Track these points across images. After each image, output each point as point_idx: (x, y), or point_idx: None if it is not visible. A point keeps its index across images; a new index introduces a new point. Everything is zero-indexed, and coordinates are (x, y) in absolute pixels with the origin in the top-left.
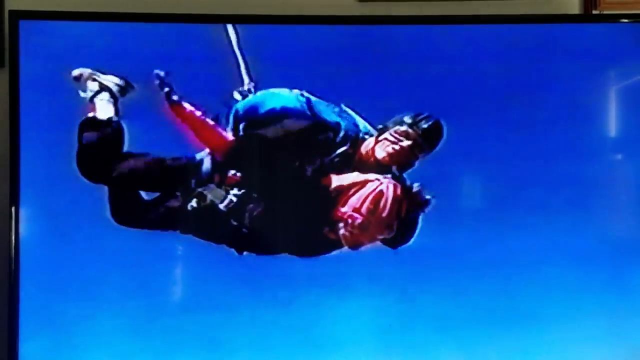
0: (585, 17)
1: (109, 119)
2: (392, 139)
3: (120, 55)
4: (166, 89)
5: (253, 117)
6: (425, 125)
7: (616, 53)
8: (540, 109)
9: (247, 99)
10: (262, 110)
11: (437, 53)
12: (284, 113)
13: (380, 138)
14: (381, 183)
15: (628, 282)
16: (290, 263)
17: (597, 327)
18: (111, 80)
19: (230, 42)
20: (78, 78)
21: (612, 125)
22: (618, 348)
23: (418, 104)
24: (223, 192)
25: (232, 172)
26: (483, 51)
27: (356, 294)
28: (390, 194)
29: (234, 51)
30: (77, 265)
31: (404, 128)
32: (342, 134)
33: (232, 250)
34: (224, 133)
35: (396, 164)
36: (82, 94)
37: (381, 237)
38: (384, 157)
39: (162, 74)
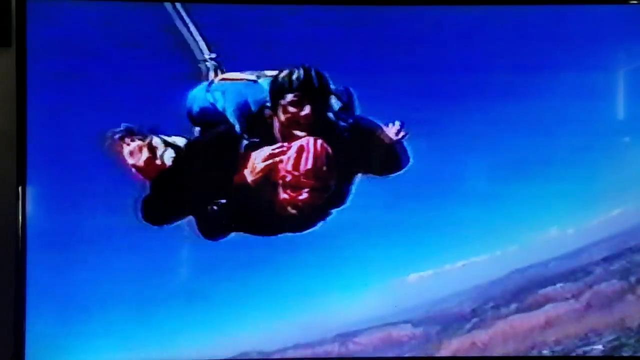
0: None
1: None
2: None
3: (127, 36)
4: None
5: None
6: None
7: (625, 34)
8: (550, 90)
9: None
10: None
11: (441, 34)
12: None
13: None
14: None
15: None
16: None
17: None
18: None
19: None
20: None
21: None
22: None
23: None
24: None
25: None
26: (492, 32)
27: None
28: (310, 148)
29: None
30: (84, 246)
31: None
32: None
33: None
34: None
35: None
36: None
37: (321, 194)
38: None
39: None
